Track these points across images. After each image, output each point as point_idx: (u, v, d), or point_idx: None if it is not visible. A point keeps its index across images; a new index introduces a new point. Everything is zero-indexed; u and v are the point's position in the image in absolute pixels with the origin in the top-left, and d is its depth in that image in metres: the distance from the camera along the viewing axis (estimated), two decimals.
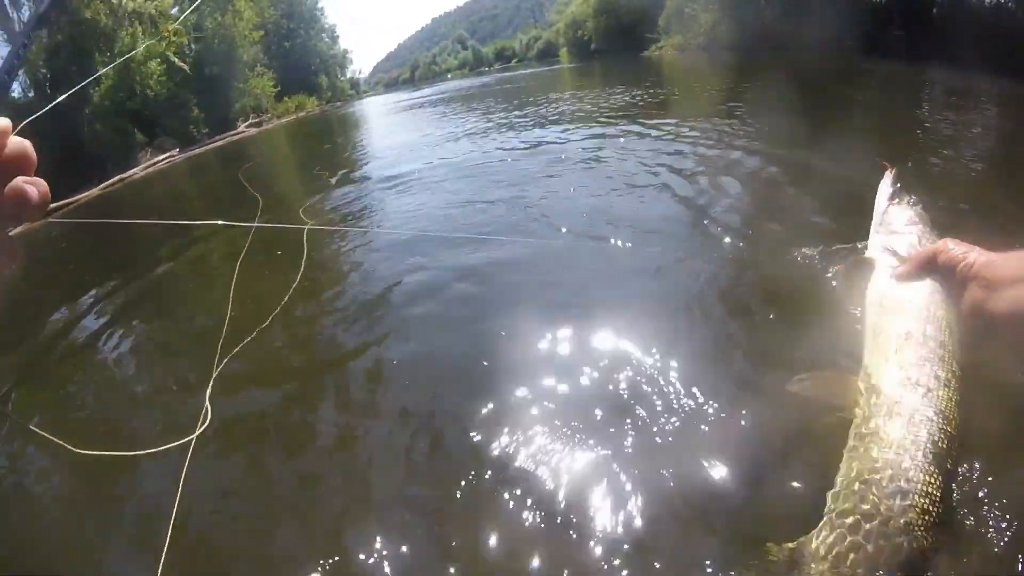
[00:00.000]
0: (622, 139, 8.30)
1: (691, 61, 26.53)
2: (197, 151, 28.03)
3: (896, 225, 1.98)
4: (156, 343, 5.04)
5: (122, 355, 4.76)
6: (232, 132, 34.19)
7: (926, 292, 1.74)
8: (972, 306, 1.48)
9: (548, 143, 9.23)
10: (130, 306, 6.04)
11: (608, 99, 14.25)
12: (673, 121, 9.03)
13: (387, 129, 20.72)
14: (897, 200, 2.08)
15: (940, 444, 1.49)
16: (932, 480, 1.42)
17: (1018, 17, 12.85)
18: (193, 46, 34.95)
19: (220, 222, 2.39)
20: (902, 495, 1.41)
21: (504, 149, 9.49)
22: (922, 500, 1.40)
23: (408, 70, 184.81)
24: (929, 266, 1.66)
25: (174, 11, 33.12)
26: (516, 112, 15.33)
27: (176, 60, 29.15)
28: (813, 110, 8.60)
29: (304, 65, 54.14)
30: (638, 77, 20.30)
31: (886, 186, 2.15)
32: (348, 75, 74.40)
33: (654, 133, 8.30)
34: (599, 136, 8.98)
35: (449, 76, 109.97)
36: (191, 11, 31.88)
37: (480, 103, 21.12)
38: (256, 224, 5.77)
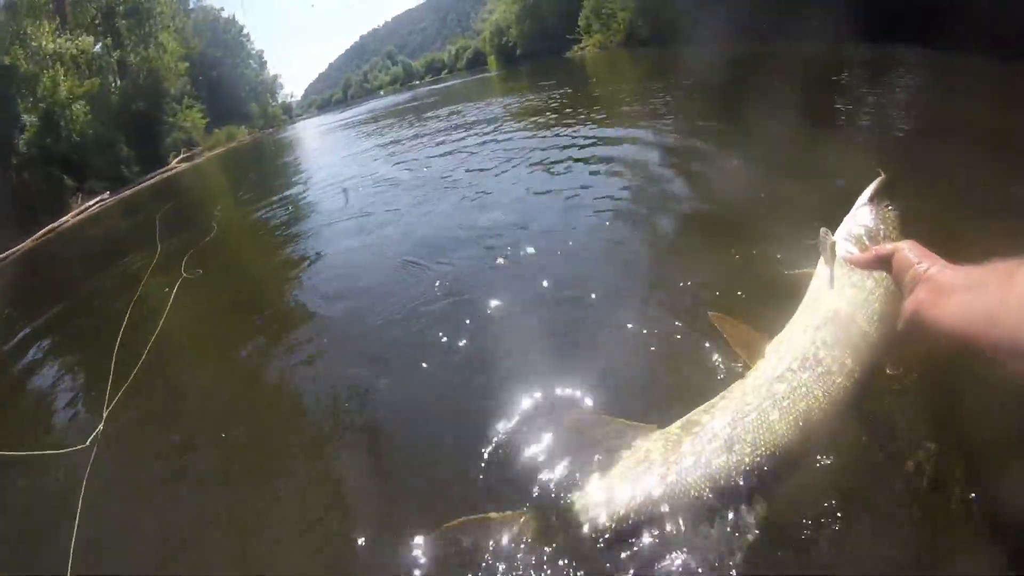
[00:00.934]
0: (531, 138, 8.91)
1: (611, 57, 27.32)
2: (129, 192, 27.58)
3: (866, 219, 1.93)
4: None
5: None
6: (164, 168, 33.40)
7: (870, 283, 1.75)
8: (914, 308, 1.42)
9: (460, 150, 9.77)
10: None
11: (527, 101, 14.92)
12: (584, 113, 9.74)
13: (316, 152, 21.07)
14: (876, 201, 1.99)
15: (809, 422, 1.61)
16: (762, 448, 1.59)
17: None
18: (118, 82, 34.47)
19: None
20: (725, 446, 1.62)
21: (434, 156, 10.01)
22: (738, 456, 1.59)
23: (340, 90, 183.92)
24: (883, 261, 1.60)
25: (97, 48, 32.72)
26: (441, 122, 15.83)
27: None
28: (728, 98, 9.20)
29: (233, 93, 53.52)
30: (561, 77, 20.92)
31: (871, 187, 2.05)
32: (280, 100, 73.84)
33: (566, 128, 8.92)
34: (513, 136, 9.59)
35: (382, 92, 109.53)
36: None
37: (404, 118, 21.47)
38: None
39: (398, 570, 1.96)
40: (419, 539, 2.02)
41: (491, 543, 1.81)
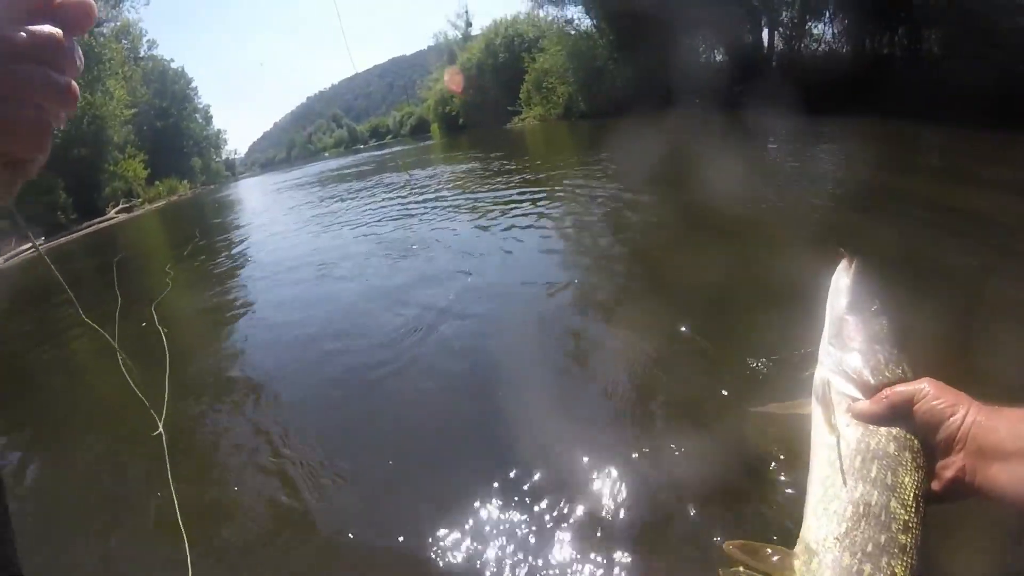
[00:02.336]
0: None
1: (551, 129, 28.75)
2: (64, 239, 26.98)
3: (856, 342, 1.45)
4: None
5: None
6: (101, 218, 32.84)
7: (893, 448, 1.29)
8: (957, 476, 1.16)
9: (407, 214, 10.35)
10: None
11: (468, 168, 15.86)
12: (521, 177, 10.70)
13: (256, 216, 19.96)
14: (857, 308, 1.52)
15: None
16: None
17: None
18: (62, 127, 34.04)
19: None
20: None
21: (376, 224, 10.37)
22: None
23: (284, 149, 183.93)
24: (901, 411, 1.25)
25: None
26: (381, 188, 16.49)
27: None
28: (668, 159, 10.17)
29: (177, 146, 53.36)
30: (497, 146, 22.17)
31: (843, 284, 1.58)
32: (223, 156, 73.53)
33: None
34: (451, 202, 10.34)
35: (326, 155, 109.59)
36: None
37: (347, 183, 21.83)
38: None
39: None
40: None
41: None
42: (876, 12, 15.30)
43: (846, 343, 1.43)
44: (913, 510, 1.21)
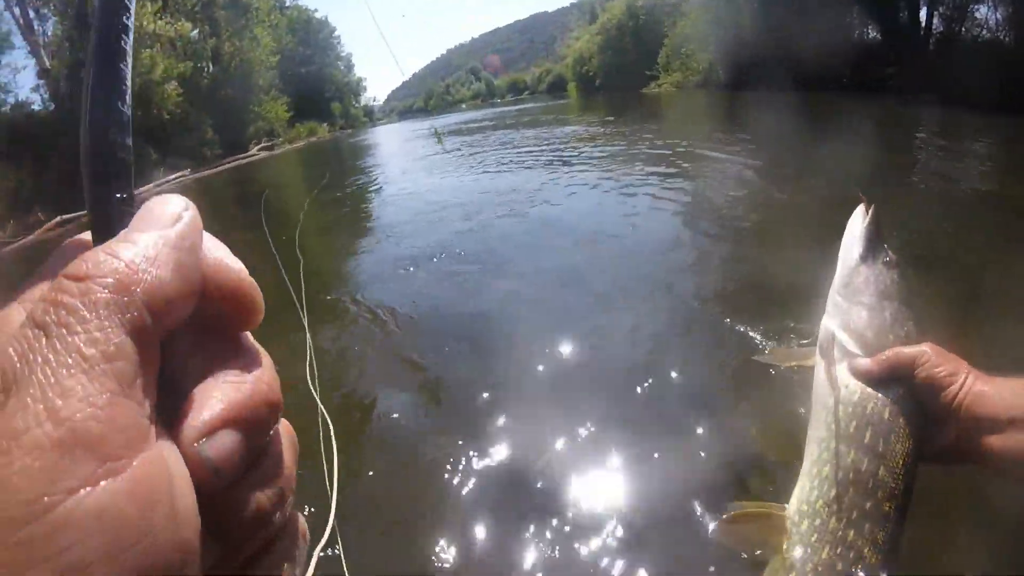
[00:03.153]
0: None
1: (688, 98, 27.56)
2: (208, 172, 28.88)
3: (865, 295, 1.37)
4: None
5: None
6: (244, 155, 34.97)
7: (888, 414, 1.25)
8: (956, 443, 1.16)
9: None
10: None
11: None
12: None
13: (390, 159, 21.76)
14: (871, 257, 1.42)
15: None
16: None
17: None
18: (211, 68, 36.01)
19: None
20: None
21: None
22: None
23: (422, 99, 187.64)
24: (901, 374, 1.21)
25: (194, 34, 34.29)
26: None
27: None
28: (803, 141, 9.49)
29: (318, 91, 55.42)
30: (631, 112, 21.30)
31: (857, 229, 1.47)
32: (362, 102, 75.85)
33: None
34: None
35: (464, 106, 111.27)
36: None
37: (481, 133, 22.21)
38: None
39: None
40: None
41: None
42: None
43: (854, 295, 1.39)
44: (901, 479, 1.20)
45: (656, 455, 2.71)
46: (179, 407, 0.33)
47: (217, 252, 0.37)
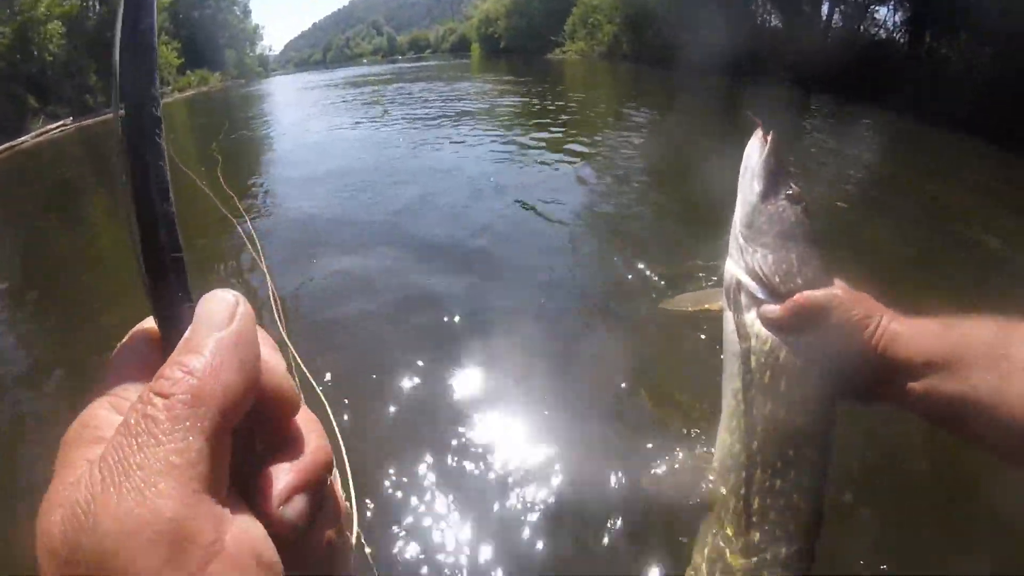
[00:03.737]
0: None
1: (591, 67, 28.08)
2: (90, 121, 27.17)
3: (769, 236, 1.27)
4: None
5: None
6: None
7: (802, 360, 1.20)
8: (871, 387, 1.14)
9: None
10: None
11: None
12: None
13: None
14: (772, 192, 1.30)
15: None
16: None
17: None
18: (97, 7, 33.70)
19: None
20: None
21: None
22: None
23: (320, 51, 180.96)
24: (813, 320, 1.16)
25: None
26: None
27: None
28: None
29: (211, 37, 52.15)
30: (533, 76, 21.67)
31: (755, 161, 1.32)
32: (258, 51, 72.62)
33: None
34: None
35: (365, 61, 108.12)
36: None
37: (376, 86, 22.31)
38: None
39: None
40: None
41: None
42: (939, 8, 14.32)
43: (757, 236, 1.26)
44: (820, 424, 1.19)
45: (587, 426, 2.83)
46: (251, 478, 0.42)
47: (263, 347, 0.43)
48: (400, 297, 4.38)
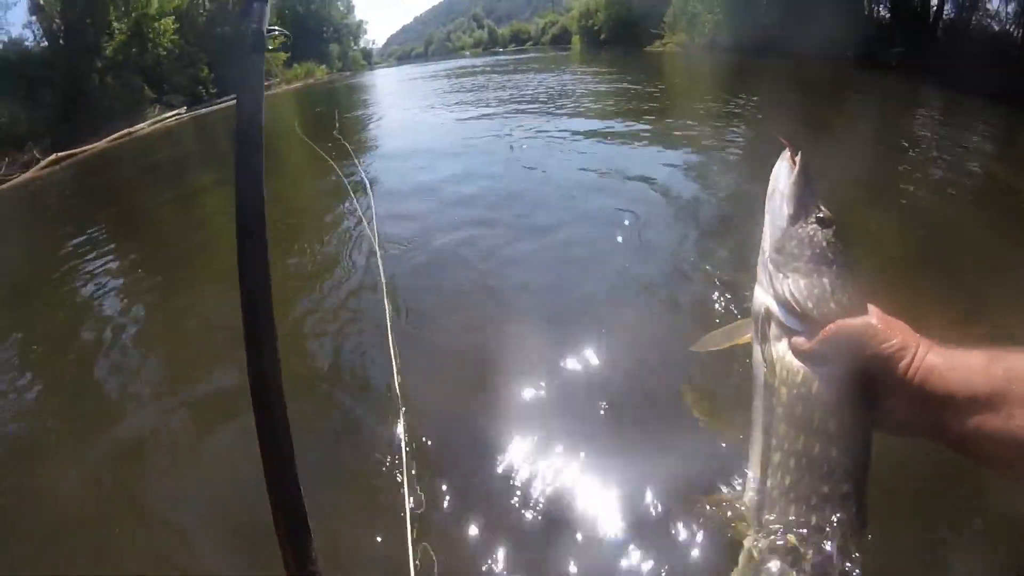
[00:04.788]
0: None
1: (691, 59, 27.27)
2: (204, 111, 28.58)
3: (799, 261, 1.19)
4: None
5: None
6: None
7: (836, 393, 1.14)
8: (906, 420, 1.06)
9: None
10: None
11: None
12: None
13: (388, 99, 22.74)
14: (802, 215, 1.23)
15: None
16: None
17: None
18: (207, 4, 35.33)
19: None
20: None
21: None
22: None
23: (422, 45, 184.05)
24: (847, 351, 1.10)
25: None
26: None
27: None
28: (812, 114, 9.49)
29: (316, 31, 54.36)
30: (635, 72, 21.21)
31: (784, 184, 1.26)
32: (361, 44, 74.63)
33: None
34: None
35: (467, 53, 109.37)
36: None
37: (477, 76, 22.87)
38: None
39: None
40: None
41: None
42: None
43: (787, 262, 1.21)
44: (856, 458, 1.15)
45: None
46: None
47: None
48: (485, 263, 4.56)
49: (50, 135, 20.08)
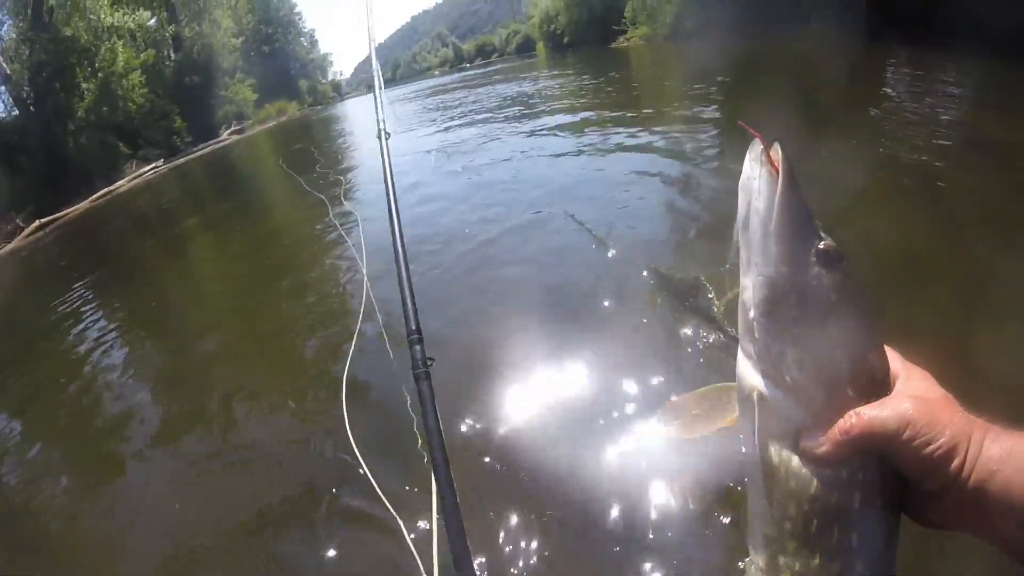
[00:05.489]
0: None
1: (656, 51, 27.45)
2: (181, 160, 28.72)
3: (801, 325, 0.82)
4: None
5: None
6: (215, 140, 34.78)
7: (860, 499, 0.82)
8: (958, 520, 0.78)
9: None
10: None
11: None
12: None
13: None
14: (798, 254, 0.82)
15: None
16: None
17: None
18: (173, 55, 35.53)
19: None
20: None
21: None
22: None
23: (390, 69, 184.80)
24: (874, 450, 0.78)
25: (152, 23, 33.73)
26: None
27: None
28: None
29: (283, 70, 54.54)
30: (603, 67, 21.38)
31: (767, 205, 0.83)
32: (329, 77, 74.99)
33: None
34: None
35: (436, 73, 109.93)
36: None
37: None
38: None
39: None
40: None
41: None
42: None
43: (783, 329, 0.81)
44: (883, 568, 0.82)
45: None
46: None
47: None
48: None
49: (32, 202, 20.12)
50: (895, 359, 0.83)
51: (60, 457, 4.14)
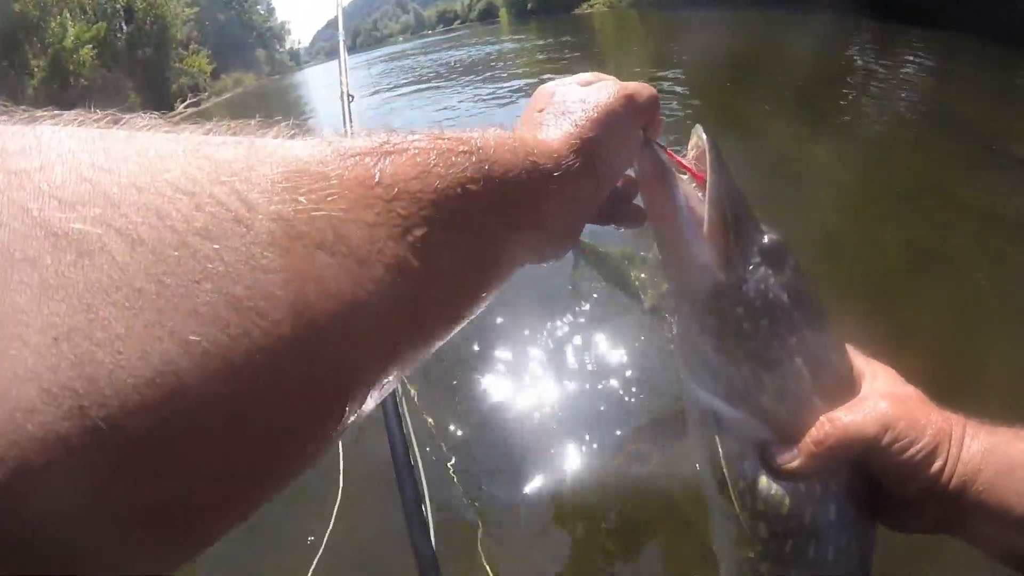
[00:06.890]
0: None
1: (620, 18, 27.42)
2: None
3: (754, 340, 0.70)
4: None
5: None
6: (171, 113, 33.67)
7: (835, 512, 0.76)
8: (940, 525, 0.72)
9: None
10: None
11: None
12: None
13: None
14: (742, 259, 0.70)
15: None
16: None
17: None
18: (125, 27, 34.51)
19: None
20: None
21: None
22: None
23: (350, 38, 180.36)
24: (855, 458, 0.71)
25: None
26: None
27: None
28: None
29: (240, 40, 53.21)
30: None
31: (692, 202, 0.68)
32: (288, 46, 73.56)
33: None
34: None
35: (400, 39, 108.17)
36: None
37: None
38: None
39: None
40: None
41: None
42: None
43: (735, 346, 0.70)
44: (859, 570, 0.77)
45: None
46: None
47: None
48: None
49: None
50: (856, 356, 0.77)
51: None
